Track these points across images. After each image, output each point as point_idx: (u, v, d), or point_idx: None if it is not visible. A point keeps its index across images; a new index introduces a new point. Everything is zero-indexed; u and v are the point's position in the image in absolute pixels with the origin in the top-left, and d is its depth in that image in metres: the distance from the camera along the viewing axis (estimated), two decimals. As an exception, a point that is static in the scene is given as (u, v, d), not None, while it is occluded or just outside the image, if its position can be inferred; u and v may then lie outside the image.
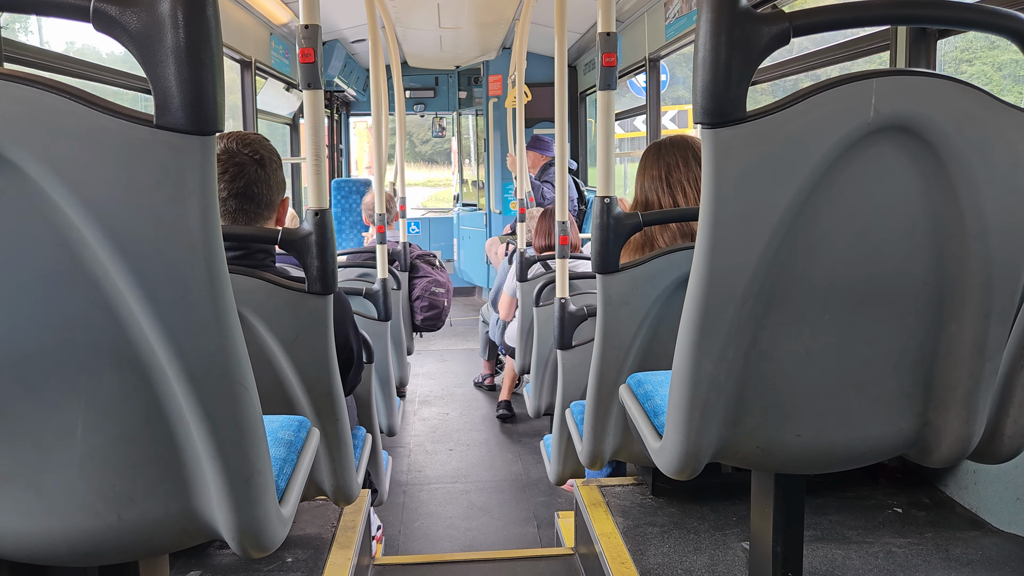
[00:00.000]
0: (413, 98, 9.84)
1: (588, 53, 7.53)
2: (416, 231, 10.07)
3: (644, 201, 2.42)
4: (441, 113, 10.45)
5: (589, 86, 7.70)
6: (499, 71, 8.52)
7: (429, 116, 10.56)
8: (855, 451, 1.41)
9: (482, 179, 9.63)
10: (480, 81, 9.24)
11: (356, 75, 8.68)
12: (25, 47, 2.74)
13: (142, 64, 0.96)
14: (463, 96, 9.94)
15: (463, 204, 10.39)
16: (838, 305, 1.32)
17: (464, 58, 8.90)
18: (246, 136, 1.97)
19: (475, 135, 10.48)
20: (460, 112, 10.22)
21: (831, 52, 3.33)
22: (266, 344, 1.79)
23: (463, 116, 10.45)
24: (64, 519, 1.10)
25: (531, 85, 5.65)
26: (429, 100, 10.07)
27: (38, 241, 0.99)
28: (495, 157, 8.69)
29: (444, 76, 9.97)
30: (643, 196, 2.42)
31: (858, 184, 1.26)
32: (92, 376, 1.05)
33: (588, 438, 2.24)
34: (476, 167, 10.44)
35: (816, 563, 1.94)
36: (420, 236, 10.11)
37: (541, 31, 6.87)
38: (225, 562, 2.02)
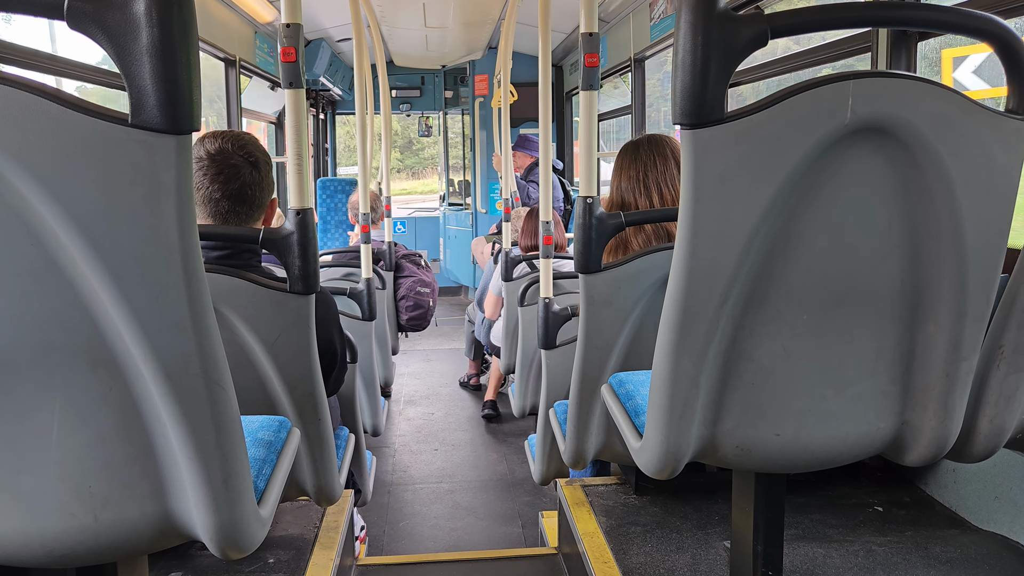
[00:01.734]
0: (399, 97, 9.83)
1: (573, 53, 7.55)
2: (402, 230, 10.06)
3: (620, 202, 2.42)
4: (427, 112, 10.44)
5: (575, 86, 7.71)
6: (485, 70, 8.52)
7: (415, 116, 10.54)
8: (834, 450, 1.42)
9: (468, 179, 9.63)
10: (466, 80, 9.24)
11: (342, 74, 8.65)
12: (8, 46, 2.71)
13: (117, 62, 0.95)
14: (449, 95, 9.93)
15: (449, 204, 10.38)
16: (816, 305, 1.33)
17: (450, 57, 8.89)
18: (240, 137, 1.97)
19: (461, 134, 10.47)
20: (446, 112, 10.21)
21: (813, 53, 3.35)
22: (247, 344, 1.78)
23: (449, 116, 10.44)
24: (40, 521, 1.09)
25: (517, 85, 5.65)
26: (415, 99, 10.05)
27: (11, 240, 0.98)
28: (481, 157, 8.68)
29: (430, 75, 9.95)
30: (619, 197, 2.42)
31: (835, 185, 1.27)
32: (67, 377, 1.05)
33: (571, 438, 2.24)
34: (463, 167, 10.43)
35: (797, 562, 1.95)
36: (406, 236, 10.10)
37: (527, 31, 6.87)
38: (206, 563, 2.01)
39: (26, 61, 2.83)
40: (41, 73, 3.02)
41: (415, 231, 10.31)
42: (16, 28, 2.75)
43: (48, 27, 3.45)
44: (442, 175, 11.41)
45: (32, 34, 2.74)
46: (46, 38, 3.22)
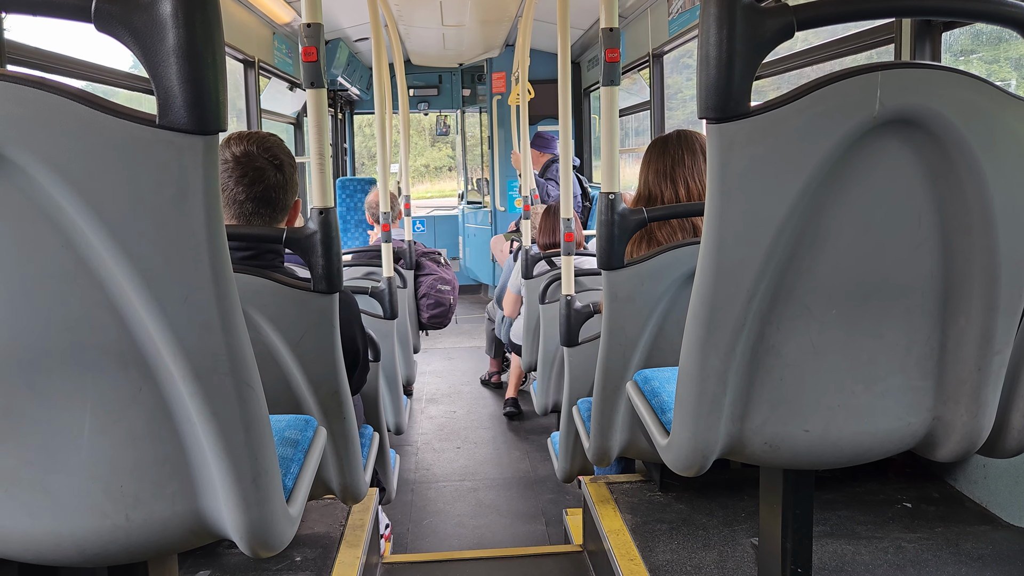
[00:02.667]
0: (417, 96, 9.84)
1: (591, 50, 7.53)
2: (421, 229, 10.08)
3: (647, 195, 2.41)
4: (445, 111, 10.45)
5: (592, 82, 7.69)
6: (503, 68, 8.51)
7: (433, 114, 10.56)
8: (863, 446, 1.40)
9: (486, 177, 9.64)
10: (484, 79, 9.24)
11: (360, 73, 8.68)
12: (28, 49, 2.74)
13: (144, 64, 0.96)
14: (467, 94, 9.94)
15: (468, 202, 10.39)
16: (844, 299, 1.32)
17: (467, 56, 8.89)
18: (266, 139, 1.98)
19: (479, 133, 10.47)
20: (464, 110, 10.21)
21: (835, 46, 3.31)
22: (272, 343, 1.79)
23: (467, 114, 10.44)
24: (72, 520, 1.10)
25: (535, 82, 5.63)
26: (433, 98, 10.07)
27: (43, 243, 0.99)
28: (499, 155, 8.68)
29: (448, 74, 9.96)
30: (646, 190, 2.41)
31: (864, 178, 1.26)
32: (98, 377, 1.06)
33: (595, 435, 2.23)
34: (481, 165, 10.44)
35: (826, 558, 1.94)
36: (425, 234, 10.11)
37: (544, 28, 6.86)
38: (234, 561, 2.02)
39: (50, 65, 2.85)
40: (65, 77, 3.05)
41: (434, 230, 10.32)
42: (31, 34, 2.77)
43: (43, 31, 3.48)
44: (460, 174, 11.42)
45: (48, 40, 2.76)
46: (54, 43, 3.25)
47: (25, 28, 2.83)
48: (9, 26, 2.60)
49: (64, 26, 2.98)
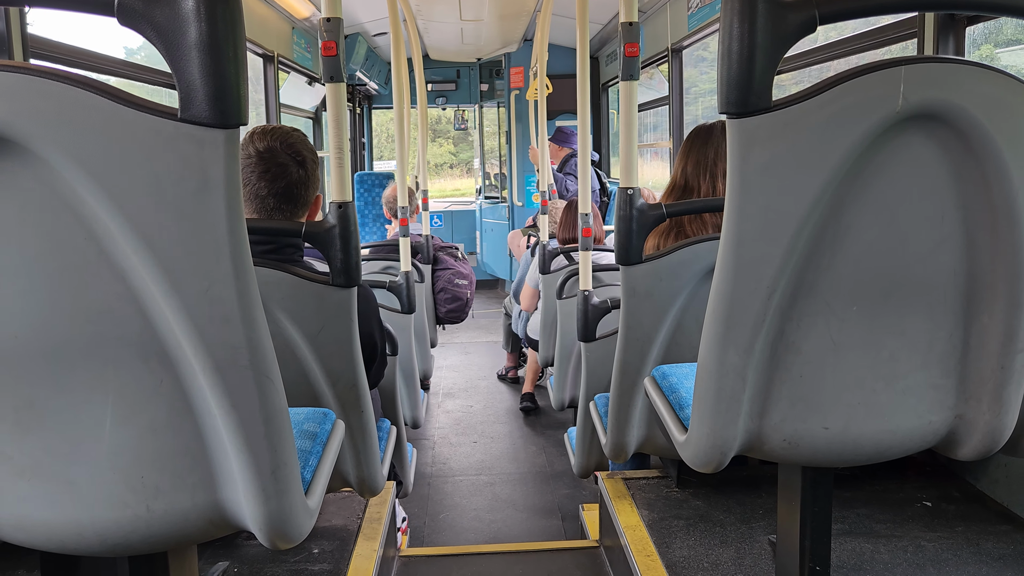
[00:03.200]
0: (435, 91, 9.85)
1: (609, 44, 7.50)
2: (439, 224, 10.09)
3: (683, 185, 2.36)
4: (463, 106, 10.45)
5: (611, 77, 7.67)
6: (521, 63, 8.50)
7: (450, 109, 10.57)
8: (883, 444, 1.39)
9: (504, 172, 9.63)
10: (502, 73, 9.23)
11: (378, 68, 8.69)
12: (49, 43, 2.76)
13: (166, 58, 0.96)
14: (485, 89, 9.93)
15: (485, 197, 10.39)
16: (865, 296, 1.31)
17: (485, 50, 8.89)
18: (289, 135, 1.99)
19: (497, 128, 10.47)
20: (482, 105, 10.21)
21: (856, 41, 3.28)
22: (291, 337, 1.80)
23: (485, 109, 10.44)
24: (94, 510, 1.11)
25: (552, 77, 5.62)
26: (451, 93, 10.07)
27: (66, 235, 1.00)
28: (517, 149, 8.67)
29: (466, 69, 9.96)
30: (683, 179, 2.36)
31: (886, 174, 1.25)
32: (120, 369, 1.06)
33: (612, 431, 2.23)
34: (498, 160, 10.43)
35: (844, 557, 1.92)
36: (443, 229, 10.13)
37: (562, 22, 6.83)
38: (252, 553, 2.04)
39: (68, 58, 2.87)
40: (83, 71, 3.07)
41: (451, 225, 10.33)
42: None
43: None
44: (478, 168, 11.42)
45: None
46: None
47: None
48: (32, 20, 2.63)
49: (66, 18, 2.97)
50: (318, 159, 2.06)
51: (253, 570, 1.97)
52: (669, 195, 2.39)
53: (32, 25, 2.56)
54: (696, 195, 2.33)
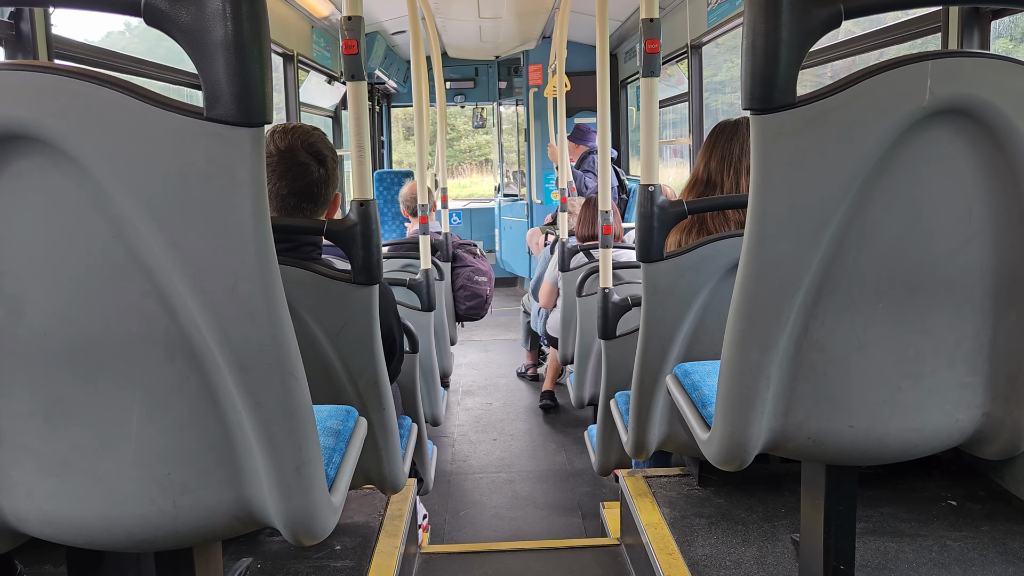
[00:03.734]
0: (453, 89, 9.86)
1: (628, 41, 7.47)
2: (458, 222, 10.10)
3: (706, 180, 2.33)
4: (481, 103, 10.45)
5: (629, 74, 7.63)
6: (539, 60, 8.49)
7: (469, 106, 10.57)
8: (909, 443, 1.38)
9: (523, 169, 9.63)
10: (520, 71, 9.21)
11: (396, 67, 8.71)
12: (73, 44, 2.79)
13: (192, 57, 0.97)
14: (503, 86, 9.93)
15: (504, 195, 10.39)
16: (891, 293, 1.30)
17: (504, 48, 8.88)
18: (309, 134, 2.00)
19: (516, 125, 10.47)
20: (500, 102, 10.21)
21: (879, 35, 3.25)
22: (313, 334, 1.81)
23: (503, 106, 10.44)
24: (121, 506, 1.12)
25: (571, 74, 5.61)
26: (469, 91, 10.08)
27: (94, 234, 1.01)
28: (536, 147, 8.66)
29: (484, 67, 9.96)
30: (705, 175, 2.33)
31: (912, 170, 1.23)
32: (146, 366, 1.07)
33: (633, 428, 2.22)
34: (517, 158, 10.44)
35: (868, 556, 1.91)
36: (461, 227, 10.14)
37: (580, 19, 6.82)
38: (275, 549, 2.05)
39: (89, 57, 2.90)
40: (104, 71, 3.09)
41: (470, 222, 10.34)
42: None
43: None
44: (497, 166, 11.42)
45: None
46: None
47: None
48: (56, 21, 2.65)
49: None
50: (338, 158, 2.07)
51: (276, 566, 1.98)
52: (690, 191, 2.37)
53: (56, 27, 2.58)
54: (719, 191, 2.31)
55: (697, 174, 2.35)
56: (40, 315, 1.04)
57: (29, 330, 1.05)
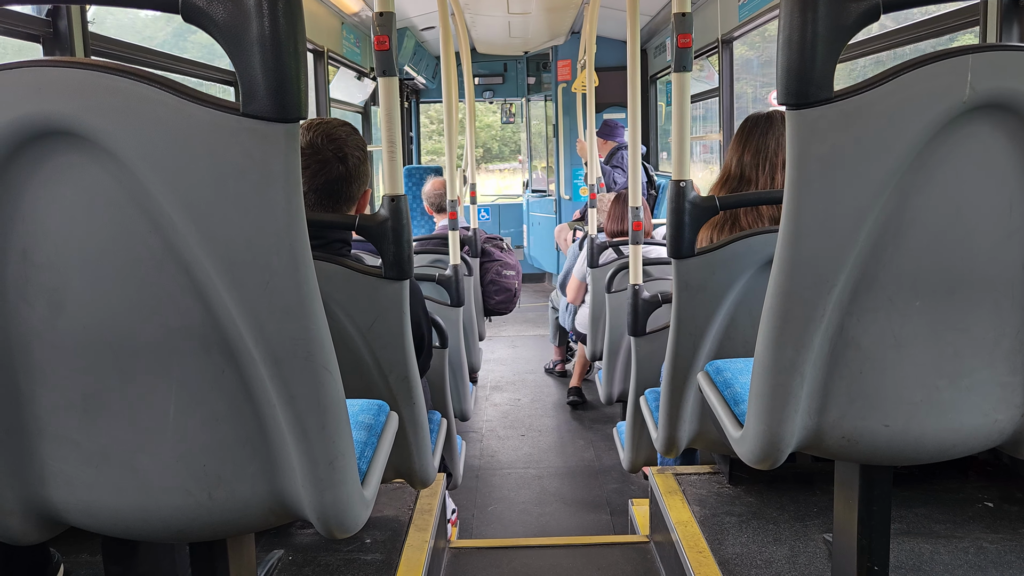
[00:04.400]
0: (482, 84, 9.87)
1: (658, 36, 7.42)
2: (486, 217, 10.11)
3: (739, 175, 2.29)
4: (510, 99, 10.45)
5: (659, 70, 7.59)
6: (568, 56, 8.47)
7: (497, 102, 10.58)
8: (946, 443, 1.36)
9: (551, 165, 9.62)
10: (549, 66, 9.20)
11: (425, 63, 8.73)
12: (108, 40, 2.83)
13: (229, 53, 0.98)
14: (532, 82, 9.92)
15: (532, 191, 10.38)
16: (929, 291, 1.28)
17: (533, 44, 8.87)
18: (334, 130, 1.98)
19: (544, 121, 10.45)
20: (529, 98, 10.20)
21: (914, 29, 3.20)
22: (344, 329, 1.82)
23: (532, 102, 10.43)
24: (158, 497, 1.14)
25: (599, 69, 5.58)
26: (498, 86, 10.08)
27: (132, 228, 1.02)
28: (564, 143, 8.65)
29: (512, 62, 9.96)
30: (738, 170, 2.29)
31: (952, 165, 1.21)
32: (182, 359, 1.09)
33: (663, 426, 2.21)
34: (545, 153, 10.42)
35: (902, 557, 1.88)
36: (490, 222, 10.15)
37: (610, 14, 6.79)
38: (306, 541, 2.07)
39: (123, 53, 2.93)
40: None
41: (498, 218, 10.35)
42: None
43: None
44: (525, 162, 11.42)
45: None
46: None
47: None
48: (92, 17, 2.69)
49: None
50: (365, 153, 2.05)
51: (307, 558, 2.00)
52: (722, 186, 2.35)
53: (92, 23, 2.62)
54: (753, 187, 2.28)
55: (729, 169, 2.32)
56: (79, 308, 1.06)
57: (68, 323, 1.06)
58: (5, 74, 0.97)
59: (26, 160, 1.00)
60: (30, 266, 1.04)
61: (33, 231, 1.03)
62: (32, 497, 1.17)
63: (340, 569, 1.95)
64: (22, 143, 0.99)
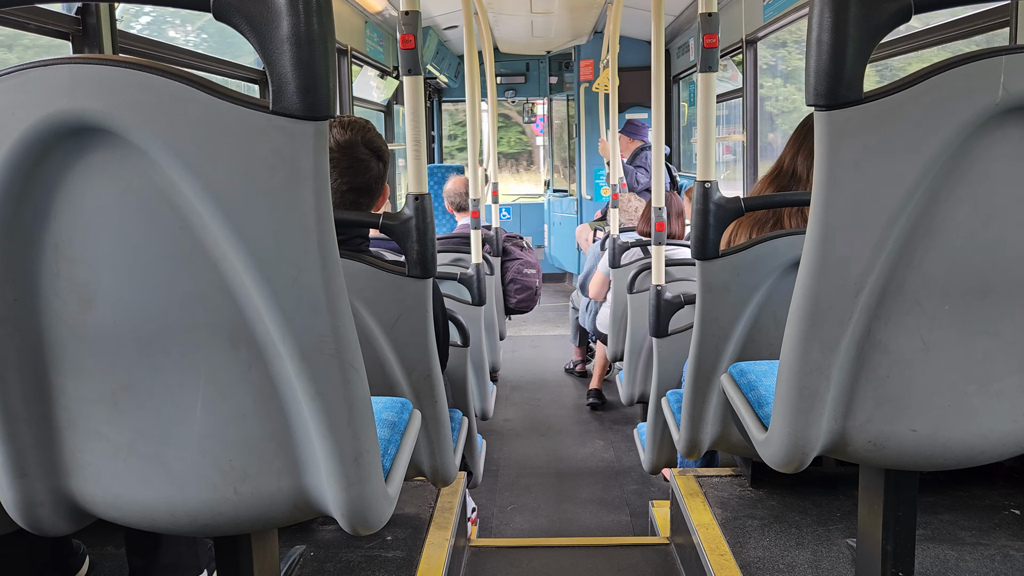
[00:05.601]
0: (504, 84, 9.87)
1: (681, 36, 7.39)
2: (507, 217, 10.12)
3: (791, 173, 2.26)
4: (532, 98, 10.45)
5: (681, 70, 7.55)
6: (590, 55, 8.45)
7: (520, 101, 10.58)
8: (974, 448, 1.34)
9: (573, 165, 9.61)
10: (571, 66, 9.19)
11: (448, 62, 8.75)
12: (136, 38, 2.85)
13: (259, 51, 0.99)
14: (554, 81, 9.91)
15: (554, 190, 10.37)
16: (959, 295, 1.26)
17: (555, 43, 8.86)
18: (368, 130, 2.03)
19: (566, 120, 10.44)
20: (551, 97, 10.19)
21: (943, 30, 3.16)
22: (367, 326, 1.83)
23: (554, 101, 10.42)
24: (185, 491, 1.15)
25: (621, 69, 5.57)
26: (520, 86, 10.08)
27: (162, 224, 1.03)
28: (586, 142, 8.63)
29: (535, 61, 9.96)
30: (791, 167, 2.26)
31: (984, 168, 1.20)
32: (210, 355, 1.09)
33: (686, 427, 2.20)
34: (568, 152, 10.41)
35: (927, 564, 1.86)
36: (511, 222, 10.16)
37: (632, 14, 6.76)
38: (328, 538, 2.08)
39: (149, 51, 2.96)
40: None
41: (519, 218, 10.35)
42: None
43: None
44: (546, 161, 11.41)
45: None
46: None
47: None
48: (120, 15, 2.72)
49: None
50: (388, 154, 2.10)
51: (328, 555, 2.01)
52: (770, 181, 2.29)
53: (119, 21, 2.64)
54: (801, 186, 2.23)
55: (782, 165, 2.27)
56: (109, 303, 1.07)
57: (99, 317, 1.08)
58: (39, 71, 0.99)
59: (59, 157, 1.01)
60: (62, 261, 1.06)
61: (65, 226, 1.04)
62: (61, 489, 1.18)
63: (361, 566, 1.96)
64: (56, 140, 1.00)
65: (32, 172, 1.01)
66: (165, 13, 3.61)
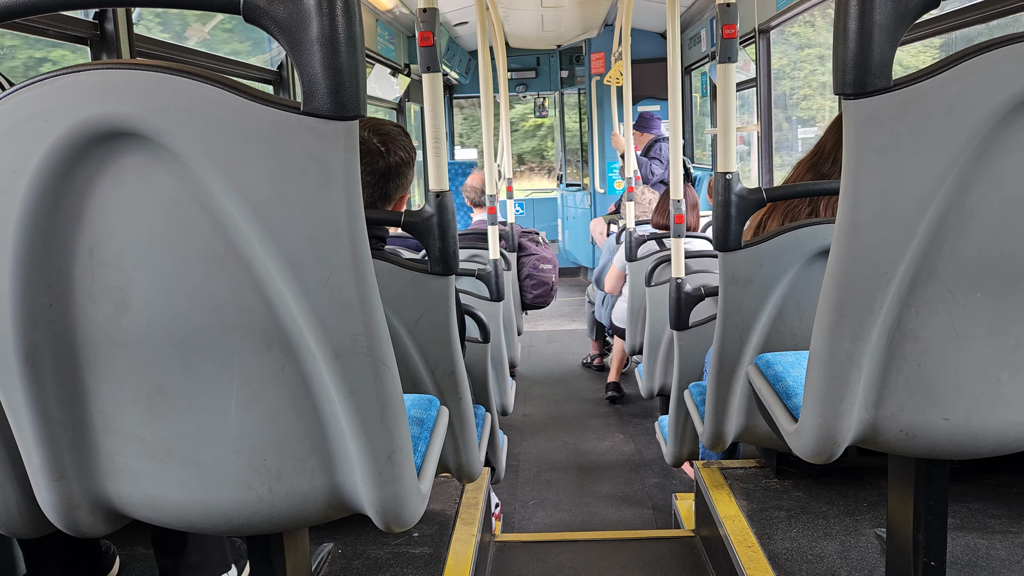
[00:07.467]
0: (515, 79, 9.86)
1: (692, 27, 7.36)
2: (520, 212, 10.11)
3: (831, 158, 2.18)
4: (543, 93, 10.43)
5: (693, 61, 7.52)
6: (601, 49, 8.43)
7: (531, 96, 10.57)
8: (1008, 436, 1.33)
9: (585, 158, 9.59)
10: (582, 60, 9.16)
11: (459, 58, 8.74)
12: (154, 41, 2.87)
13: (289, 52, 0.99)
14: (565, 75, 9.89)
15: (567, 184, 10.36)
16: (990, 282, 1.25)
17: (566, 37, 8.84)
18: (381, 126, 2.01)
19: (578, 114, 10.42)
20: (563, 92, 10.17)
21: (964, 14, 3.14)
22: (391, 324, 1.83)
23: (565, 95, 10.40)
24: (220, 491, 1.15)
25: (633, 61, 5.54)
26: (531, 81, 10.07)
27: (195, 226, 1.03)
28: (598, 136, 8.61)
29: (545, 56, 9.94)
30: (831, 152, 2.21)
31: (1014, 154, 1.19)
32: (244, 355, 1.10)
33: (710, 420, 2.20)
34: (580, 146, 10.39)
35: (957, 552, 1.86)
36: (525, 217, 10.15)
37: (643, 6, 6.75)
38: (355, 535, 2.08)
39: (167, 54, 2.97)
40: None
41: (533, 212, 10.35)
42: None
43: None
44: (559, 155, 11.40)
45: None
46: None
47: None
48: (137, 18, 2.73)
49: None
50: (412, 157, 2.07)
51: (356, 551, 2.02)
52: (810, 166, 2.25)
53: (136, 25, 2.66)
54: (836, 167, 2.19)
55: (822, 149, 2.23)
56: (144, 306, 1.07)
57: (134, 320, 1.08)
58: (71, 77, 0.99)
59: (93, 161, 1.02)
60: (96, 264, 1.06)
61: (99, 230, 1.05)
62: (98, 491, 1.19)
63: (389, 562, 1.97)
64: (89, 144, 1.00)
65: (66, 177, 1.02)
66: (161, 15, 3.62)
